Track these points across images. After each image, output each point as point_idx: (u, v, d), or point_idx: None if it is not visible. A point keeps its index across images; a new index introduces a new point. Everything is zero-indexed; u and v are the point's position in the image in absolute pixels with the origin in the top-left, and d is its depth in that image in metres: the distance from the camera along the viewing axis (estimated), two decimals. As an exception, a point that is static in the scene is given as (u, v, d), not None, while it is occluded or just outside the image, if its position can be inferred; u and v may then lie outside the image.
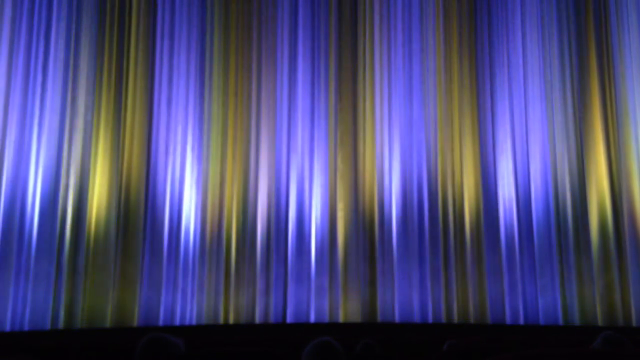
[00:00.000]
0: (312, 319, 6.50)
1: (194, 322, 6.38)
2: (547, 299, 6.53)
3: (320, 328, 6.32)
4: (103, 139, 6.52)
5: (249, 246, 6.61)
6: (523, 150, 6.88)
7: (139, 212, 6.45)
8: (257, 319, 6.46)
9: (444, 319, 6.55)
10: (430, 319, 6.54)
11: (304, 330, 6.29)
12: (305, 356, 2.35)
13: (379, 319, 6.54)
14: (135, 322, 6.23)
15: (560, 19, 7.12)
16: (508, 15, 7.19)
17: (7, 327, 5.90)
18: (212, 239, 6.58)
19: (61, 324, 6.05)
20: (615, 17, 7.03)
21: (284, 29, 7.10)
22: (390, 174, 6.86)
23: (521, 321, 6.52)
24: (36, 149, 6.32)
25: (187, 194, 6.63)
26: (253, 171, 6.79)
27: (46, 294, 6.04)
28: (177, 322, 6.33)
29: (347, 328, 6.37)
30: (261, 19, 7.09)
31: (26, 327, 5.96)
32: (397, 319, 6.54)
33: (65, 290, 6.11)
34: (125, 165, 6.52)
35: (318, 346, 2.37)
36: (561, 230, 6.68)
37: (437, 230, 6.74)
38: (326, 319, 6.50)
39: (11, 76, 6.36)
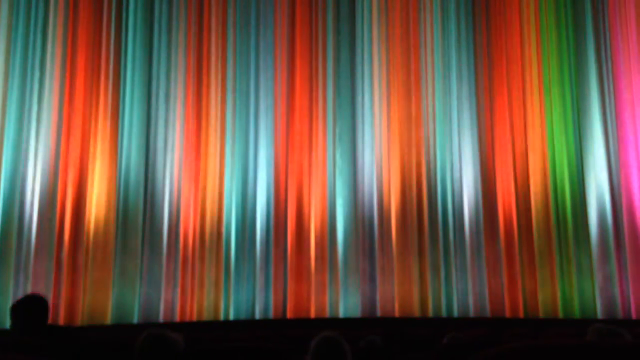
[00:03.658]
0: (312, 314, 6.51)
1: (194, 318, 6.38)
2: (547, 292, 6.54)
3: (320, 323, 6.32)
4: (101, 136, 6.51)
5: (249, 242, 6.60)
6: (521, 144, 6.89)
7: (138, 209, 6.44)
8: (257, 314, 6.47)
9: (443, 313, 6.56)
10: (430, 313, 6.55)
11: (304, 325, 6.29)
12: (312, 351, 2.35)
13: (379, 313, 6.55)
14: (135, 319, 6.23)
15: (557, 13, 7.11)
16: (506, 10, 7.18)
17: (7, 324, 5.90)
18: (211, 235, 6.57)
19: (61, 321, 6.06)
20: (612, 11, 7.02)
21: (283, 24, 7.08)
22: (389, 169, 6.86)
23: (521, 314, 6.54)
24: (34, 146, 6.31)
25: (186, 191, 6.62)
26: (252, 167, 6.78)
27: (46, 291, 6.03)
28: (177, 318, 6.33)
29: (347, 323, 6.37)
30: (259, 15, 7.06)
31: (26, 325, 5.95)
32: (396, 313, 6.54)
33: (65, 287, 6.12)
34: (123, 161, 6.52)
35: (325, 341, 2.37)
36: (560, 223, 6.69)
37: (436, 225, 6.75)
38: (326, 314, 6.51)
39: (9, 73, 6.35)
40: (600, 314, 6.40)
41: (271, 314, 6.48)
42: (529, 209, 6.75)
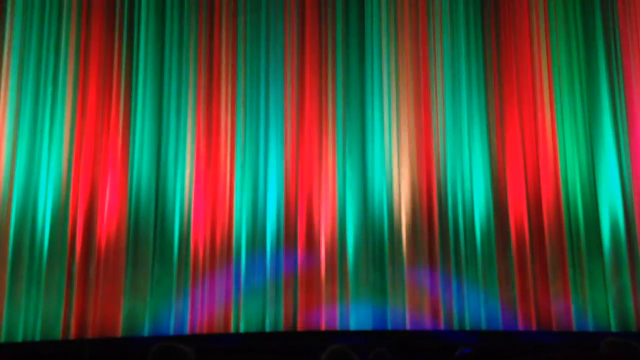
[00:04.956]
0: (323, 326, 6.48)
1: (204, 330, 6.37)
2: (560, 305, 6.47)
3: (330, 336, 6.30)
4: (113, 149, 6.57)
5: (259, 254, 6.60)
6: (533, 155, 6.85)
7: (149, 222, 6.47)
8: (268, 327, 6.45)
9: (455, 326, 6.51)
10: (441, 326, 6.50)
11: (314, 338, 6.27)
12: None
13: (390, 326, 6.50)
14: (146, 332, 6.24)
15: (567, 22, 7.10)
16: (515, 20, 7.18)
17: (19, 338, 5.94)
18: (222, 246, 6.58)
19: (72, 334, 6.08)
20: (623, 19, 7.01)
21: (292, 38, 7.12)
22: (399, 180, 6.84)
23: (533, 327, 6.47)
24: (47, 160, 6.37)
25: (197, 203, 6.65)
26: (262, 179, 6.79)
27: (57, 304, 6.07)
28: (188, 331, 6.33)
29: (357, 335, 6.34)
30: (269, 29, 7.11)
31: (38, 337, 5.99)
32: (408, 326, 6.50)
33: (76, 300, 6.14)
34: (135, 174, 6.56)
35: (334, 354, 2.37)
36: (573, 235, 6.63)
37: (447, 237, 6.71)
38: (337, 326, 6.47)
39: (21, 87, 6.43)
40: (614, 327, 6.33)
41: (282, 326, 6.45)
42: (541, 221, 6.69)
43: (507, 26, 7.18)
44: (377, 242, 6.72)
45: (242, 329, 6.42)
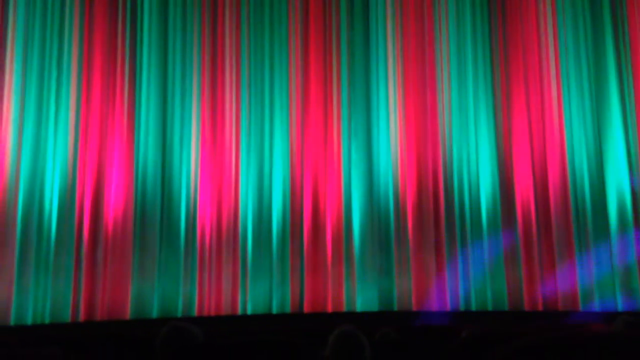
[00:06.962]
0: (329, 308, 6.51)
1: (212, 313, 6.42)
2: (566, 285, 6.48)
3: (337, 317, 6.33)
4: (119, 133, 6.57)
5: (265, 236, 6.62)
6: (539, 137, 6.81)
7: (155, 205, 6.49)
8: (274, 309, 6.48)
9: (461, 307, 6.53)
10: (447, 307, 6.52)
11: (321, 319, 6.31)
12: (330, 345, 2.37)
13: (396, 307, 6.53)
14: (154, 314, 6.28)
15: (574, 3, 7.01)
16: (522, 1, 7.09)
17: (29, 320, 5.99)
18: (228, 230, 6.60)
19: (81, 317, 6.13)
20: (631, 5, 6.92)
21: (297, 19, 7.07)
22: (405, 162, 6.83)
23: (540, 307, 6.48)
24: (53, 144, 6.39)
25: (203, 186, 6.66)
26: (267, 162, 6.79)
27: (66, 287, 6.12)
28: (195, 313, 6.37)
29: (364, 317, 6.37)
30: (273, 11, 7.06)
31: (47, 320, 6.05)
32: (414, 307, 6.52)
33: (84, 283, 6.19)
34: (140, 158, 6.57)
35: (343, 335, 2.38)
36: (579, 216, 6.62)
37: (453, 218, 6.71)
38: (343, 308, 6.51)
39: (26, 72, 6.42)
40: (620, 307, 6.33)
41: (288, 308, 6.49)
42: (547, 202, 6.67)
43: (514, 5, 7.10)
44: (382, 224, 6.73)
45: (249, 311, 6.47)
